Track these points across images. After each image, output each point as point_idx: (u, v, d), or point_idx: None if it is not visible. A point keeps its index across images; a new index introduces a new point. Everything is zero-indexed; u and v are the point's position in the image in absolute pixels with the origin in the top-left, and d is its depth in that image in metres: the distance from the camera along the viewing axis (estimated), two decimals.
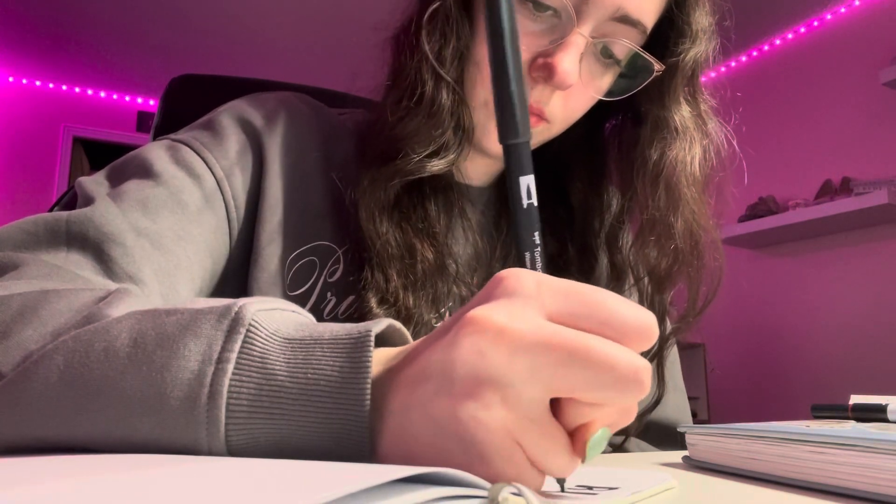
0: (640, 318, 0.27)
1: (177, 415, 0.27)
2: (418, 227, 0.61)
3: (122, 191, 0.52)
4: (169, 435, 0.27)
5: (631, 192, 0.65)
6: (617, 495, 0.29)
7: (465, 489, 0.22)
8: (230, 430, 0.27)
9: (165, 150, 0.57)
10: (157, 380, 0.27)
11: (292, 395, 0.27)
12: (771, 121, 3.12)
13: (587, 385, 0.26)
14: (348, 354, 0.28)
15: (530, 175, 0.34)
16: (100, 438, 0.28)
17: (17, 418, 0.29)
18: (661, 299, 0.65)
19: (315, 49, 3.54)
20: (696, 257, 0.63)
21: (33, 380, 0.29)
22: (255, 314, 0.29)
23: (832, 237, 2.91)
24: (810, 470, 0.34)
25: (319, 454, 0.27)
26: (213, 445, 0.27)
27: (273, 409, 0.27)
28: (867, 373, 2.68)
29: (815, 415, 0.55)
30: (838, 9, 3.01)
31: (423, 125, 0.57)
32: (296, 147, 0.62)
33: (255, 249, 0.59)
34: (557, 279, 0.28)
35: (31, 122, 4.18)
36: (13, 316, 0.33)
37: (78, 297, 0.35)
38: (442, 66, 0.57)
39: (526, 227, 0.34)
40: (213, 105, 0.65)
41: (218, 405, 0.27)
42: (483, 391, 0.26)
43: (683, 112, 0.61)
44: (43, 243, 0.45)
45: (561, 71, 0.54)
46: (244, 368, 0.28)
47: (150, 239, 0.50)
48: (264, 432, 0.27)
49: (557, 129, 0.61)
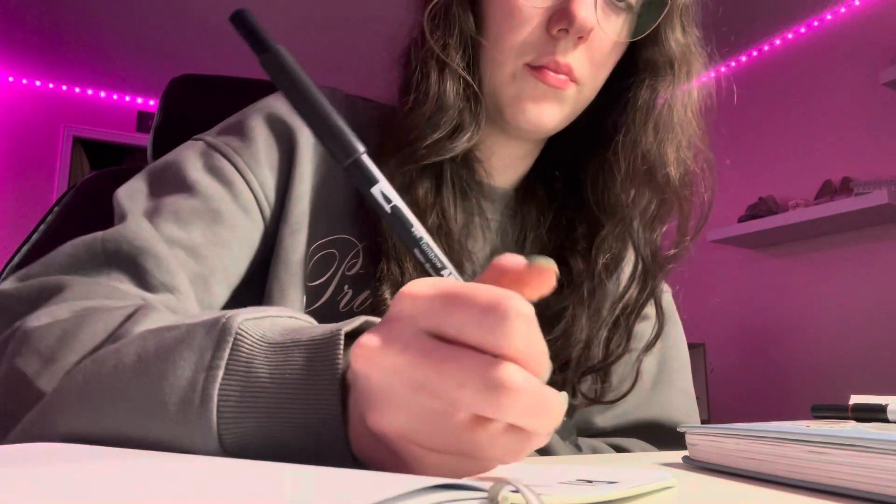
0: (490, 298, 0.27)
1: (175, 418, 0.30)
2: (434, 223, 0.61)
3: (156, 205, 0.55)
4: (171, 436, 0.30)
5: (624, 129, 0.64)
6: (616, 488, 0.29)
7: (464, 492, 0.22)
8: (221, 429, 0.30)
9: (199, 156, 0.59)
10: (157, 389, 0.31)
11: (273, 394, 0.30)
12: (771, 121, 3.13)
13: (458, 403, 0.26)
14: (318, 354, 0.30)
15: (380, 181, 0.35)
16: (120, 438, 0.31)
17: (51, 421, 0.34)
18: (651, 238, 0.66)
19: (315, 49, 3.54)
20: (685, 186, 0.64)
21: (62, 395, 0.34)
22: (242, 323, 0.31)
23: (832, 237, 2.91)
24: (810, 470, 0.34)
25: (303, 449, 0.30)
26: (207, 444, 0.30)
27: (257, 409, 0.30)
28: (867, 373, 2.68)
29: (815, 415, 0.55)
30: (838, 9, 3.01)
31: (434, 113, 0.59)
32: (354, 117, 0.63)
33: (278, 241, 0.60)
34: (437, 285, 0.28)
35: (31, 122, 4.19)
36: (57, 342, 0.38)
37: (112, 316, 0.39)
38: (447, 55, 0.59)
39: (401, 229, 0.35)
40: (213, 105, 0.65)
41: (209, 408, 0.30)
42: (377, 407, 0.28)
43: (676, 45, 0.62)
44: (84, 263, 0.49)
45: (580, 16, 0.55)
46: (232, 374, 0.30)
47: (184, 248, 0.53)
48: (252, 430, 0.30)
49: (588, 91, 0.62)
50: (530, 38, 0.58)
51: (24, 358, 0.38)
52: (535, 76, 0.58)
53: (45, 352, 0.37)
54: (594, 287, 0.66)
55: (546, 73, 0.58)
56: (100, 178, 0.93)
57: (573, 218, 0.69)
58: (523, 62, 0.59)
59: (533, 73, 0.58)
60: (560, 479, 0.31)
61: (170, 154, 0.61)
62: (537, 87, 0.59)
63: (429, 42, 0.59)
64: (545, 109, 0.60)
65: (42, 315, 0.41)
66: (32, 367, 0.37)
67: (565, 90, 0.59)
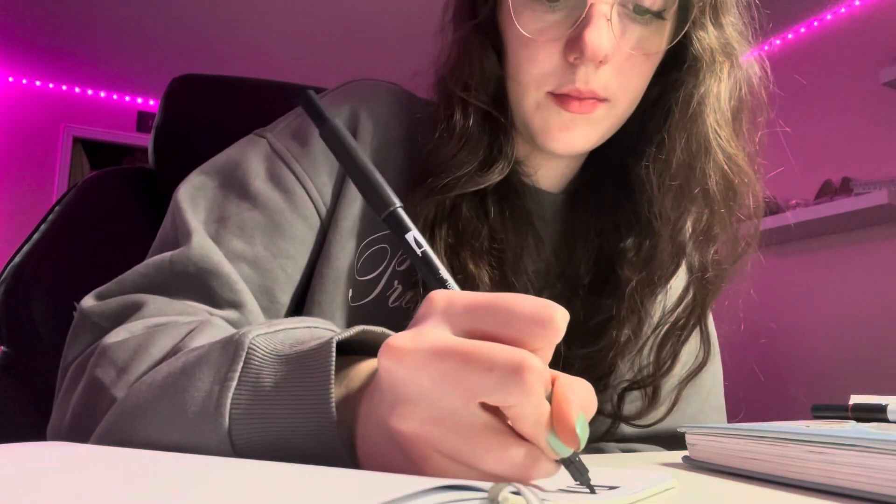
0: (535, 308, 0.28)
1: (194, 425, 0.34)
2: (485, 246, 0.61)
3: (220, 214, 0.58)
4: (192, 440, 0.34)
5: (659, 138, 0.61)
6: (617, 495, 0.29)
7: (465, 492, 0.22)
8: (233, 434, 0.33)
9: (263, 160, 0.61)
10: (180, 400, 0.35)
11: (277, 402, 0.33)
12: (771, 121, 3.12)
13: (482, 388, 0.27)
14: (313, 362, 0.33)
15: (412, 230, 0.38)
16: (155, 444, 0.35)
17: (107, 429, 0.38)
18: (704, 252, 0.63)
19: (315, 49, 3.54)
20: (731, 199, 0.61)
21: (116, 407, 0.39)
22: (254, 339, 0.35)
23: (832, 237, 2.91)
24: (810, 470, 0.34)
25: (307, 451, 0.32)
26: (221, 447, 0.33)
27: (264, 416, 0.33)
28: (867, 373, 2.68)
29: (815, 415, 0.55)
30: (838, 9, 3.01)
31: (459, 150, 0.60)
32: (385, 135, 0.63)
33: (327, 240, 0.61)
34: (469, 294, 0.30)
35: (31, 122, 4.19)
36: (131, 355, 0.43)
37: (178, 331, 0.44)
38: (468, 94, 0.60)
39: (428, 273, 0.37)
40: (214, 105, 0.65)
41: (222, 415, 0.33)
42: (400, 406, 0.28)
43: (707, 41, 0.58)
44: (155, 283, 0.53)
45: (590, 44, 0.53)
46: (243, 385, 0.33)
47: (248, 261, 0.56)
48: (260, 435, 0.33)
49: (623, 105, 0.59)
50: (549, 67, 0.57)
51: (102, 369, 0.43)
52: (559, 105, 0.57)
53: (120, 363, 0.43)
54: (643, 299, 0.64)
55: (569, 101, 0.57)
56: (100, 178, 0.93)
57: (623, 225, 0.67)
58: (545, 91, 0.58)
59: (556, 103, 0.57)
60: (561, 484, 0.31)
61: (234, 151, 0.63)
62: (562, 115, 0.58)
63: (448, 82, 0.61)
64: (575, 134, 0.59)
65: (121, 331, 0.46)
66: (109, 376, 0.42)
67: (593, 113, 0.58)
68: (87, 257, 0.86)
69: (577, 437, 0.27)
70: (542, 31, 0.56)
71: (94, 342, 0.48)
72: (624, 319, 0.64)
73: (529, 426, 0.27)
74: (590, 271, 0.67)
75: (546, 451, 0.27)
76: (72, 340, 0.50)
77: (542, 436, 0.27)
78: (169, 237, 0.57)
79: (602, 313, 0.65)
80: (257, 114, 0.76)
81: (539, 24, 0.56)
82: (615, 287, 0.65)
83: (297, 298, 0.61)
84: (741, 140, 0.62)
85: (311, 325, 0.38)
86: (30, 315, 0.81)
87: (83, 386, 0.44)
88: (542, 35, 0.56)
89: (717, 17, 0.59)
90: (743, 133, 0.62)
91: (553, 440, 0.27)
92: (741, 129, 0.62)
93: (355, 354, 0.36)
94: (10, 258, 0.86)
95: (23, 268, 0.84)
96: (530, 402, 0.26)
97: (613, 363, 0.65)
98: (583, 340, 0.64)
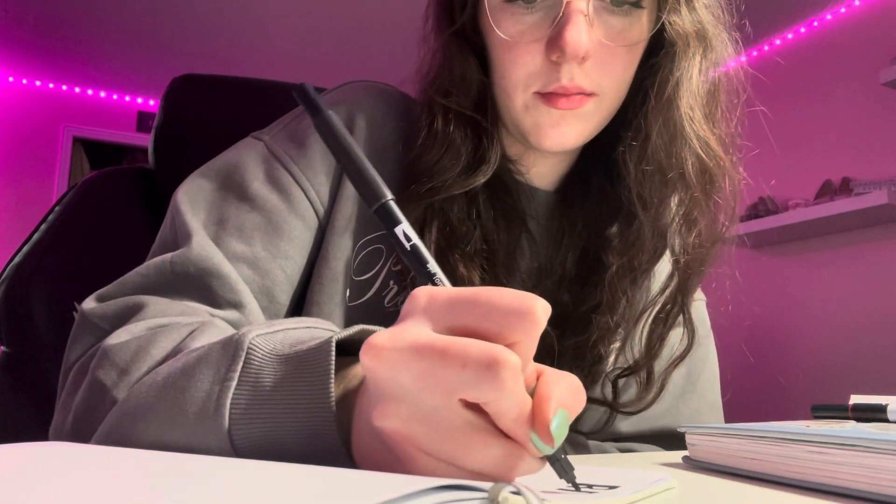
0: (514, 301, 0.28)
1: (194, 425, 0.34)
2: (478, 247, 0.62)
3: (219, 216, 0.58)
4: (192, 440, 0.34)
5: (636, 123, 0.61)
6: (617, 494, 0.29)
7: (465, 492, 0.22)
8: (233, 434, 0.33)
9: (261, 163, 0.61)
10: (180, 401, 0.35)
11: (276, 402, 0.33)
12: (771, 121, 3.12)
13: (458, 385, 0.26)
14: (312, 362, 0.33)
15: (402, 223, 0.38)
16: (156, 444, 0.35)
17: (108, 430, 0.39)
18: (686, 236, 0.62)
19: (315, 50, 3.54)
20: (708, 182, 0.61)
21: (117, 408, 0.39)
22: (254, 339, 0.35)
23: (832, 237, 2.91)
24: (810, 470, 0.34)
25: (306, 451, 0.32)
26: (221, 446, 0.33)
27: (263, 415, 0.33)
28: (867, 373, 2.68)
29: (815, 415, 0.55)
30: (838, 9, 3.01)
31: (442, 157, 0.60)
32: (379, 137, 0.64)
33: (324, 239, 0.61)
34: (450, 289, 0.30)
35: (31, 122, 4.19)
36: (132, 356, 0.44)
37: (179, 332, 0.45)
38: (449, 101, 0.60)
39: (417, 265, 0.37)
40: (214, 105, 0.65)
41: (221, 415, 0.33)
42: (381, 404, 0.28)
43: (680, 25, 0.58)
44: (156, 284, 0.53)
45: (570, 42, 0.53)
46: (243, 385, 0.34)
47: (247, 263, 0.57)
48: (259, 434, 0.33)
49: (611, 97, 0.59)
50: (533, 68, 0.57)
51: (104, 370, 0.44)
52: (547, 104, 0.57)
53: (121, 365, 0.43)
54: (627, 285, 0.64)
55: (556, 99, 0.57)
56: (100, 178, 0.93)
57: (607, 213, 0.67)
58: (532, 91, 0.58)
59: (544, 102, 0.58)
60: (561, 484, 0.31)
61: (232, 153, 0.63)
62: (551, 113, 0.58)
63: (429, 90, 0.61)
64: (566, 130, 0.59)
65: (122, 332, 0.47)
66: (111, 378, 0.43)
67: (582, 108, 0.58)
68: (87, 257, 0.86)
69: (552, 434, 0.26)
70: (522, 32, 0.57)
71: (95, 344, 0.49)
72: (609, 306, 0.64)
73: (510, 422, 0.27)
74: (578, 261, 0.67)
75: (528, 448, 0.27)
76: (73, 342, 0.51)
77: (523, 432, 0.27)
78: (169, 239, 0.58)
79: (589, 301, 0.65)
80: (257, 114, 0.76)
81: (518, 26, 0.57)
82: (601, 275, 0.65)
83: (296, 298, 0.61)
84: (716, 123, 0.62)
85: (311, 325, 0.38)
86: (30, 315, 0.81)
87: (85, 387, 0.45)
88: (522, 37, 0.56)
89: (689, 0, 0.59)
90: (718, 116, 0.62)
91: (534, 437, 0.27)
92: (716, 112, 0.62)
93: (354, 354, 0.36)
94: (10, 258, 0.86)
95: (23, 268, 0.84)
96: (506, 397, 0.26)
97: (603, 351, 0.65)
98: (573, 330, 0.65)
